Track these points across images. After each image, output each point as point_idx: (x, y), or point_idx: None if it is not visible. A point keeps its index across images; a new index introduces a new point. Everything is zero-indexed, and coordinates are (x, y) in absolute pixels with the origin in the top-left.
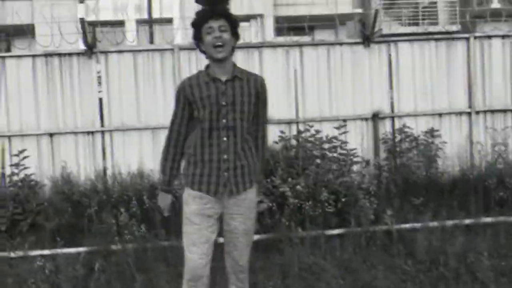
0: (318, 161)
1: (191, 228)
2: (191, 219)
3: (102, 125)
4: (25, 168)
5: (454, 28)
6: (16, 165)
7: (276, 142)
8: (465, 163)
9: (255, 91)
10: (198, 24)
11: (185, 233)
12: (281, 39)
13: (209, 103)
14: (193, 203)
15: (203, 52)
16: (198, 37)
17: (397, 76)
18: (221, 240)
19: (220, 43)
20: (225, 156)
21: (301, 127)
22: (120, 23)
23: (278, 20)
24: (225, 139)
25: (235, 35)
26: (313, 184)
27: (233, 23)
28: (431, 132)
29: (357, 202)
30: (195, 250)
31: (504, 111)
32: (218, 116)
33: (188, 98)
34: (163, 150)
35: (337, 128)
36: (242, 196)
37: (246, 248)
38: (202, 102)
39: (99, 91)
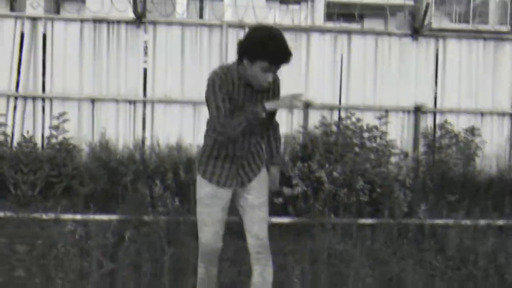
0: (357, 149)
1: (203, 209)
2: (203, 200)
3: (145, 95)
4: (65, 131)
5: (504, 28)
6: (56, 127)
7: (317, 127)
8: (504, 164)
9: (271, 94)
10: (256, 51)
11: (198, 213)
12: (330, 25)
13: (234, 105)
14: (206, 186)
15: (241, 60)
16: (249, 55)
17: (442, 72)
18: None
19: (266, 84)
20: (239, 153)
21: (343, 114)
22: None
23: (329, 5)
24: (241, 138)
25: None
26: (349, 172)
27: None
28: (472, 131)
29: (392, 194)
30: (207, 229)
31: None
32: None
33: (228, 90)
34: (222, 126)
35: (379, 118)
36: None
37: (264, 222)
38: (230, 101)
39: (145, 61)
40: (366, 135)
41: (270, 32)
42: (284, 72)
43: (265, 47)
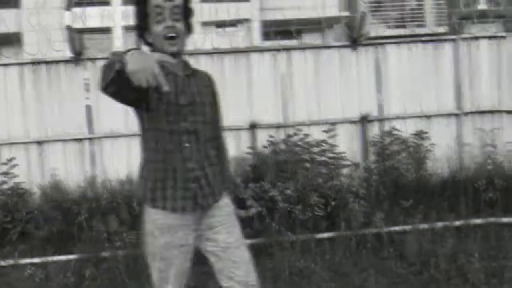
0: (308, 165)
1: (162, 264)
2: (160, 254)
3: (91, 132)
4: (14, 176)
5: (441, 29)
6: (5, 173)
7: (265, 147)
8: (454, 165)
9: (211, 90)
10: (143, 4)
11: (154, 269)
12: (268, 43)
13: (166, 101)
14: (161, 236)
15: (149, 44)
16: (141, 22)
17: (385, 79)
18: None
19: (173, 34)
20: (190, 165)
21: (290, 131)
22: (107, 30)
23: (265, 24)
24: (187, 144)
25: (188, 25)
26: (302, 188)
27: (186, 9)
28: (420, 134)
29: (346, 206)
30: (167, 287)
31: (492, 112)
32: (177, 118)
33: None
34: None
35: (326, 131)
36: (215, 206)
37: (249, 262)
38: (158, 99)
39: (87, 98)
40: (315, 150)
41: None
42: (227, 95)
43: None
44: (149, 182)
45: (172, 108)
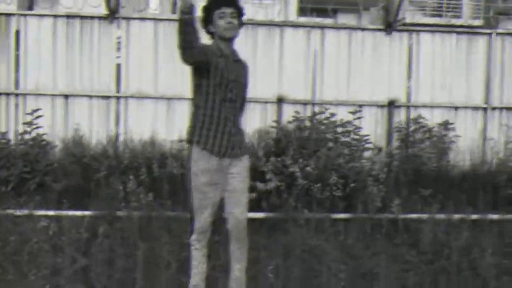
0: (330, 144)
1: (202, 195)
2: (201, 189)
3: (118, 91)
4: (38, 127)
5: (477, 22)
6: (29, 123)
7: (290, 122)
8: (477, 158)
9: (246, 74)
10: (211, 9)
11: (196, 198)
12: (303, 20)
13: (220, 75)
14: (202, 176)
15: (211, 33)
16: (208, 20)
17: (416, 66)
18: None
19: (230, 25)
20: (229, 124)
21: (316, 109)
22: None
23: (302, 0)
24: (229, 110)
25: (240, 22)
26: (323, 167)
27: (240, 11)
28: (446, 125)
29: (365, 189)
30: (205, 212)
31: None
32: (226, 89)
33: (210, 58)
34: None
35: (352, 113)
36: (239, 158)
37: (246, 205)
38: (216, 72)
39: (118, 57)
40: (339, 130)
41: None
42: (258, 67)
43: None
44: (202, 130)
45: (224, 80)
